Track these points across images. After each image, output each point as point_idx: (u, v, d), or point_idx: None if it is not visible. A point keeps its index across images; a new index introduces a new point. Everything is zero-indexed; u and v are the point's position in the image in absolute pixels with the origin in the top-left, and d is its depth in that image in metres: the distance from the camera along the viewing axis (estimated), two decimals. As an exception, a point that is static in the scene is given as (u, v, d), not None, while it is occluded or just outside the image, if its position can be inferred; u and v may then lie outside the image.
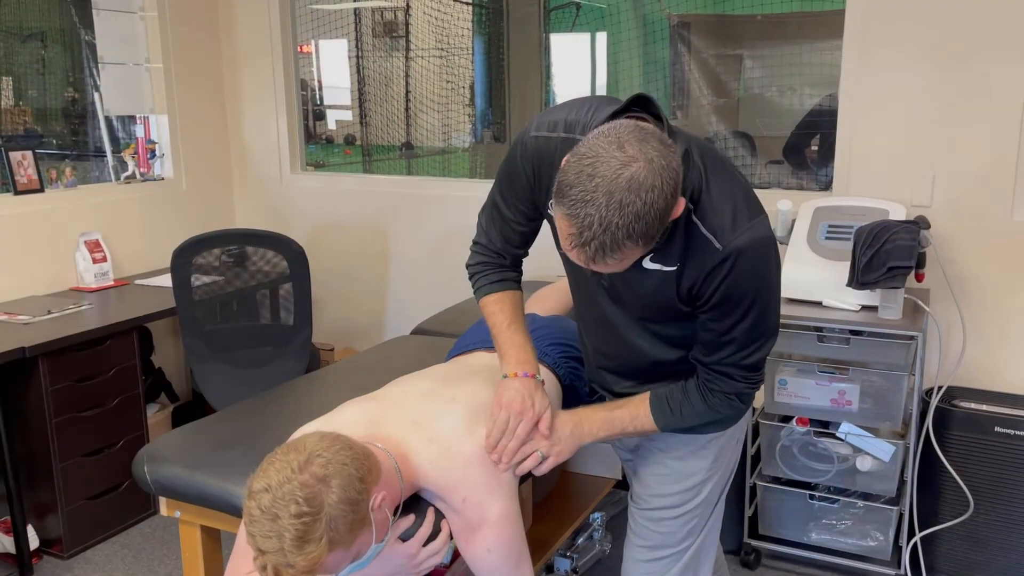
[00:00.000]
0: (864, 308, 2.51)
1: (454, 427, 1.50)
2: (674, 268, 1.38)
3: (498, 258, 1.65)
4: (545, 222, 1.60)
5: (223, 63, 3.97)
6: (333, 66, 4.67)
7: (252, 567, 1.45)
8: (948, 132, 2.67)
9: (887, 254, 2.38)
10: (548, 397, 1.55)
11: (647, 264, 1.39)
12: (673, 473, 1.62)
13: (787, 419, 2.63)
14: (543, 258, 2.66)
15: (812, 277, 2.56)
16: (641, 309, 1.48)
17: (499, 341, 1.60)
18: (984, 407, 2.52)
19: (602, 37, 4.51)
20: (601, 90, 4.50)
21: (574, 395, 1.81)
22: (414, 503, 1.51)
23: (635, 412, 1.54)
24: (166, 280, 3.32)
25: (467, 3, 4.65)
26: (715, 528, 1.70)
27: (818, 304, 2.55)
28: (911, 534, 2.58)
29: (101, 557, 2.85)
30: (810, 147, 3.52)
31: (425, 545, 1.46)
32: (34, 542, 2.78)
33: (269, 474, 1.22)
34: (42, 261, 3.25)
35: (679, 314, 1.45)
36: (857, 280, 2.43)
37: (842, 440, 2.56)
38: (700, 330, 1.45)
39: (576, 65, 4.71)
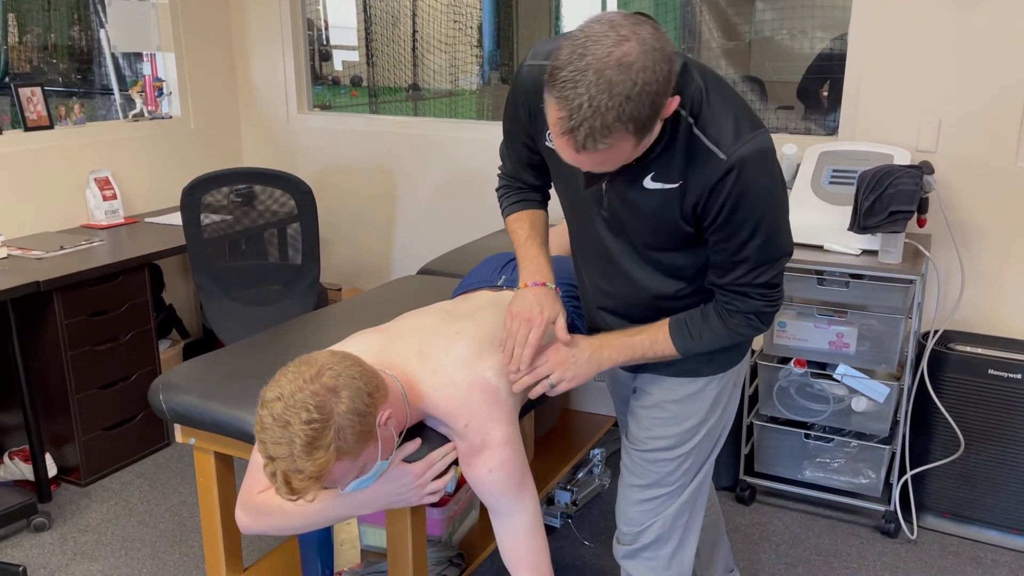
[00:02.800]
0: (865, 252, 2.53)
1: (458, 357, 1.54)
2: (676, 185, 1.35)
3: (517, 182, 1.69)
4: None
5: (230, 0, 3.94)
6: (340, 5, 4.62)
7: (266, 485, 1.52)
8: (955, 77, 2.66)
9: (889, 199, 2.40)
10: (559, 303, 1.54)
11: (648, 184, 1.37)
12: (671, 416, 1.62)
13: (785, 360, 2.69)
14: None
15: (814, 221, 2.59)
16: (643, 234, 1.45)
17: (517, 256, 1.64)
18: (979, 350, 2.56)
19: (612, -23, 4.44)
20: (610, 32, 4.43)
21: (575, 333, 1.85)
22: (420, 431, 1.57)
23: (654, 337, 1.52)
24: (175, 218, 3.35)
25: (475, -60, 4.56)
26: (711, 471, 1.71)
27: (819, 248, 2.58)
28: (902, 472, 2.65)
29: (117, 485, 2.95)
30: (822, 91, 3.50)
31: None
32: (52, 470, 2.88)
33: (281, 384, 1.28)
34: (53, 197, 3.29)
35: (683, 237, 1.42)
36: (859, 224, 2.45)
37: (838, 381, 2.61)
38: (711, 253, 1.42)
39: (586, 6, 4.64)
